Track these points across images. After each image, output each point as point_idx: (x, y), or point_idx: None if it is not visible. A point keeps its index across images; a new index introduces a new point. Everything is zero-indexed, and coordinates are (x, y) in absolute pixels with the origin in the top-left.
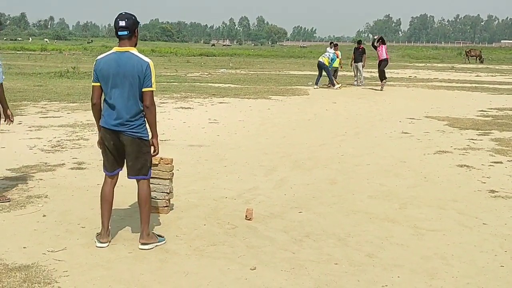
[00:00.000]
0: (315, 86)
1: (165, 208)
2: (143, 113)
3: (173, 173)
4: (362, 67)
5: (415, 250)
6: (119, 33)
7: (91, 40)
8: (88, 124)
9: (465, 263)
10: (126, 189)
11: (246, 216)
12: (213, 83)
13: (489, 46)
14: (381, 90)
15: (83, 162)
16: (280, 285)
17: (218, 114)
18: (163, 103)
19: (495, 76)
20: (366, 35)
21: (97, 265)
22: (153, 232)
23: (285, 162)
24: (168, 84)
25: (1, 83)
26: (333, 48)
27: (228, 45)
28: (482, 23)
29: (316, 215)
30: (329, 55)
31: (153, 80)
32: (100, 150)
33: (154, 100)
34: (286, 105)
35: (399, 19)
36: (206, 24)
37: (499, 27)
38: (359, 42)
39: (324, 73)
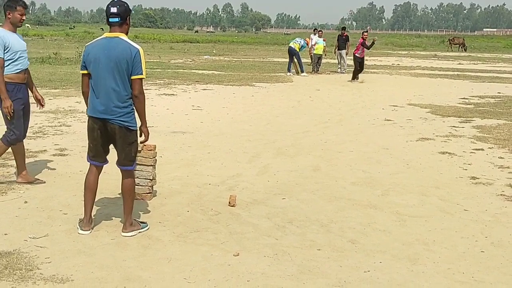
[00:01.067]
0: (288, 73)
1: (148, 194)
2: (131, 101)
3: (156, 160)
4: (346, 54)
5: (397, 236)
6: (110, 19)
7: (73, 26)
8: (70, 110)
9: (446, 249)
10: (110, 176)
11: (229, 202)
12: (196, 69)
13: (471, 34)
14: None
15: (65, 148)
16: (263, 270)
17: (201, 101)
18: (146, 89)
19: (477, 64)
20: (349, 22)
21: (79, 251)
22: (135, 219)
23: (269, 149)
24: (151, 70)
25: (27, 68)
26: (317, 34)
27: (212, 32)
28: (465, 11)
29: (299, 202)
30: (300, 41)
31: (143, 67)
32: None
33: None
34: (270, 92)
35: (382, 6)
36: (190, 11)
37: (481, 15)
38: (343, 29)
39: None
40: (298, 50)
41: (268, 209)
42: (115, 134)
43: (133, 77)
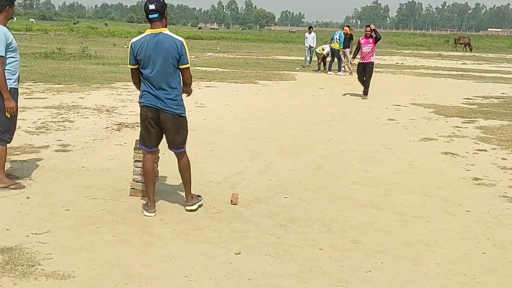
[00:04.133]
0: (329, 72)
1: None
2: (180, 91)
3: (159, 157)
4: (350, 53)
5: (398, 236)
6: (150, 16)
7: (77, 21)
8: (73, 106)
9: (448, 250)
10: (111, 173)
11: (231, 200)
12: (200, 66)
13: (476, 34)
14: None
15: (68, 144)
16: (265, 269)
17: (204, 98)
18: None
19: (481, 64)
20: (354, 21)
21: (81, 248)
22: (194, 194)
23: (271, 147)
24: None
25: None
26: (313, 33)
27: (216, 29)
28: (470, 11)
29: (301, 201)
30: (336, 38)
31: (188, 57)
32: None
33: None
34: (273, 90)
35: (387, 5)
36: (194, 7)
37: (486, 15)
38: (347, 27)
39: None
40: (338, 49)
41: (270, 207)
42: (167, 121)
43: (181, 67)
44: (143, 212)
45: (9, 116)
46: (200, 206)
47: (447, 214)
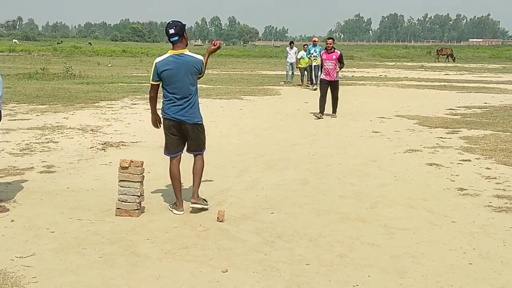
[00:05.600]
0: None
1: (136, 211)
2: (198, 102)
3: (143, 176)
4: None
5: (385, 249)
6: (171, 39)
7: (61, 41)
8: (57, 126)
9: (434, 262)
10: (97, 193)
11: (218, 218)
12: None
13: (457, 44)
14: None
15: (52, 165)
16: (252, 287)
17: None
18: (135, 104)
19: (463, 74)
20: (337, 34)
21: (66, 270)
22: (200, 197)
23: (257, 163)
24: (139, 85)
25: None
26: (294, 49)
27: (200, 45)
28: (451, 22)
29: (287, 216)
30: (314, 54)
31: (204, 69)
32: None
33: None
34: (258, 105)
35: (370, 18)
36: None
37: (467, 26)
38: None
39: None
40: (316, 63)
41: (257, 224)
42: (188, 130)
43: (199, 76)
44: (172, 210)
45: None
46: (204, 209)
47: (433, 225)
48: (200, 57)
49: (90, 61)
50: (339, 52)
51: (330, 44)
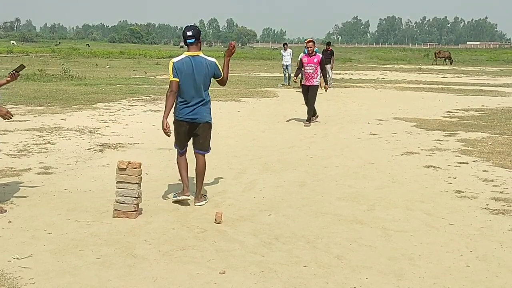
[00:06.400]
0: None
1: (134, 212)
2: (209, 102)
3: (141, 177)
4: (331, 68)
5: (383, 251)
6: (188, 41)
7: (59, 42)
8: (55, 127)
9: (431, 264)
10: (95, 194)
11: (215, 219)
12: None
13: (455, 47)
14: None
15: (50, 166)
16: None
17: None
18: (132, 105)
19: (461, 77)
20: (335, 37)
21: (63, 271)
22: (201, 193)
23: (255, 164)
24: (137, 86)
25: None
26: (286, 49)
27: None
28: (448, 25)
29: (285, 218)
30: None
31: (221, 70)
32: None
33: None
34: (255, 107)
35: (368, 21)
36: (176, 26)
37: (464, 29)
38: (328, 44)
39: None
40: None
41: (255, 225)
42: (198, 128)
43: (218, 79)
44: (177, 198)
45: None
46: (206, 202)
47: (430, 227)
48: (213, 59)
49: (88, 63)
50: (320, 56)
51: (311, 47)
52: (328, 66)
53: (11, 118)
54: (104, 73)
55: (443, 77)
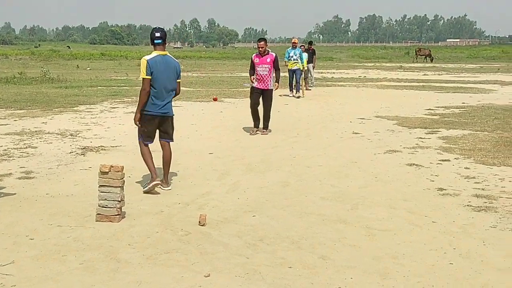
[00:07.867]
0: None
1: (117, 216)
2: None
3: (124, 181)
4: (313, 68)
5: (367, 250)
6: (156, 41)
7: (39, 45)
8: (36, 131)
9: (415, 262)
10: (77, 198)
11: (199, 222)
12: None
13: (435, 45)
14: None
15: (31, 171)
16: None
17: None
18: (114, 108)
19: (441, 74)
20: (316, 35)
21: (46, 278)
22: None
23: (238, 165)
24: (119, 88)
25: None
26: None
27: (179, 48)
28: (428, 23)
29: (269, 219)
30: (294, 58)
31: (180, 73)
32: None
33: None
34: (238, 107)
35: (348, 19)
36: (157, 26)
37: (444, 26)
38: (310, 43)
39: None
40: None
41: (239, 227)
42: (165, 121)
43: (178, 80)
44: (148, 186)
45: None
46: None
47: (414, 226)
48: (177, 61)
49: (69, 65)
50: (274, 55)
51: (262, 47)
52: (310, 65)
53: None
54: (85, 75)
55: (424, 74)
